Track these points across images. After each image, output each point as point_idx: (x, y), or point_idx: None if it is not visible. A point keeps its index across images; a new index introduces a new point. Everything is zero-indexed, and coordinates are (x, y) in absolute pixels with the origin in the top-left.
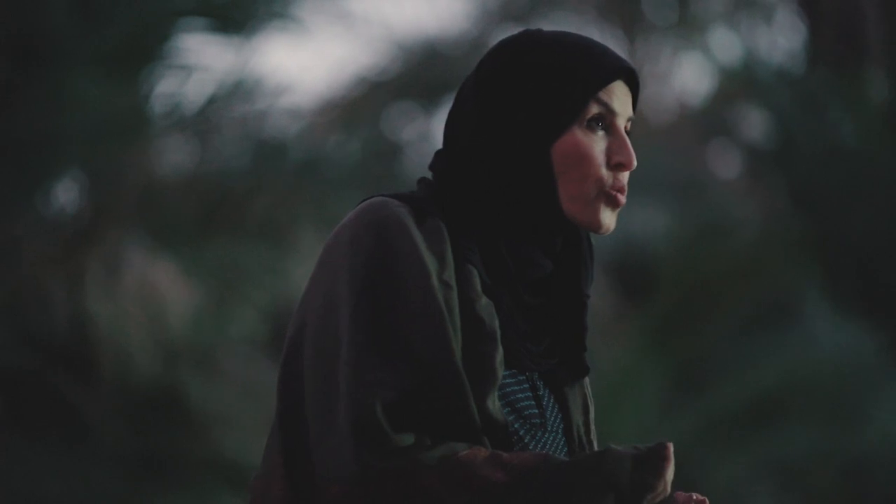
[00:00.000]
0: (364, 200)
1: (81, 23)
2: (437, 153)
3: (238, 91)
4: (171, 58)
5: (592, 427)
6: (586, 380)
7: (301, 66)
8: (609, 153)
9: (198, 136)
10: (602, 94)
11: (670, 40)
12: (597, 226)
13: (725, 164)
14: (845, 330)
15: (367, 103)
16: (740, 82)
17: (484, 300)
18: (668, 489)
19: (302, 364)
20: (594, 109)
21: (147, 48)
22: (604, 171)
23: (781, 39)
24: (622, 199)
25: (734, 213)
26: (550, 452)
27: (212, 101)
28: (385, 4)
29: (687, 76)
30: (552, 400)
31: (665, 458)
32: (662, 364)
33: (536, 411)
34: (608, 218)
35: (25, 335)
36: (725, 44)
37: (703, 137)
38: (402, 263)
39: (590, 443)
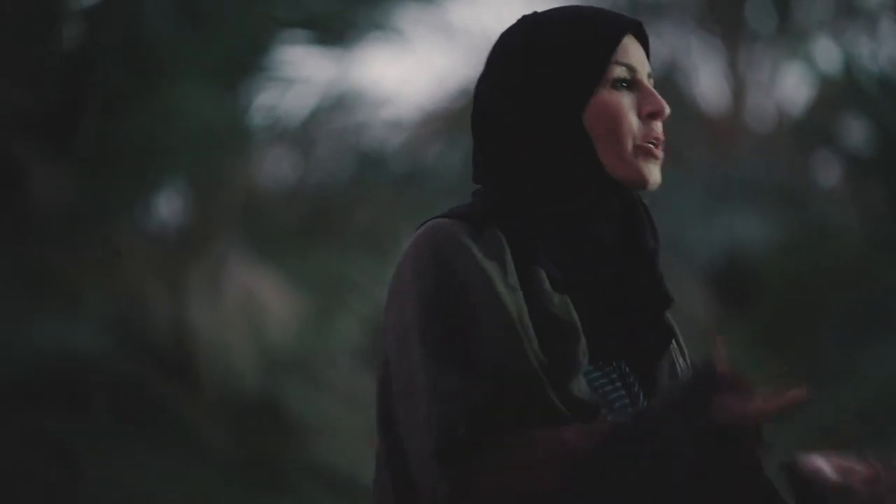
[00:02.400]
0: (423, 223)
1: (186, 34)
2: (474, 160)
3: (339, 103)
4: (273, 69)
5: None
6: (674, 344)
7: (402, 77)
8: (639, 105)
9: (299, 148)
10: (618, 55)
11: (771, 49)
12: (642, 181)
13: (827, 173)
14: None
15: (468, 115)
16: (841, 91)
17: (556, 297)
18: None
19: (391, 384)
20: (615, 71)
21: (249, 60)
22: (637, 124)
23: (883, 47)
24: (659, 151)
25: (836, 221)
26: None
27: (313, 112)
28: (486, 14)
29: (788, 85)
30: (639, 386)
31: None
32: (765, 374)
33: (627, 401)
34: (651, 171)
35: (130, 345)
36: (827, 52)
37: (805, 146)
38: (463, 279)
39: None
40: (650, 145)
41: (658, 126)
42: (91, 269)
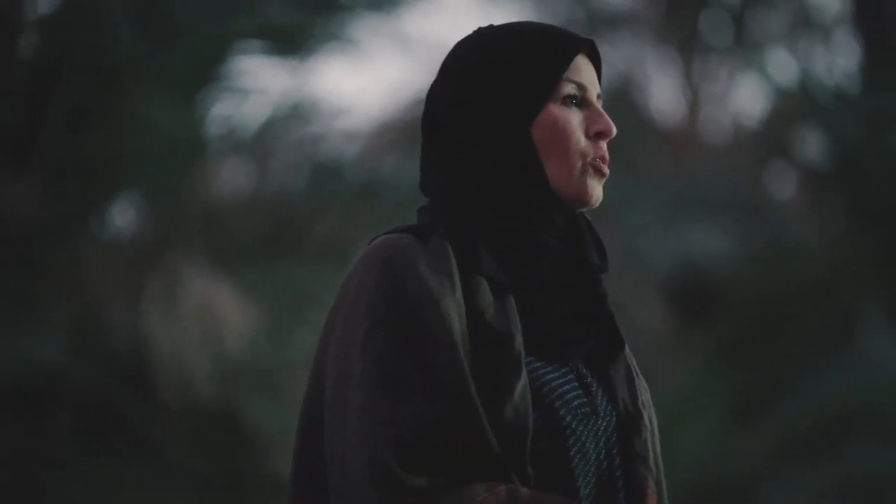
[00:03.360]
0: (374, 239)
1: (145, 45)
2: (421, 167)
3: (296, 113)
4: (230, 80)
5: (641, 396)
6: (628, 350)
7: (358, 88)
8: (587, 124)
9: (255, 159)
10: (569, 73)
11: (727, 61)
12: (586, 198)
13: (783, 185)
14: None
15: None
16: (797, 103)
17: (494, 307)
18: None
19: (320, 410)
20: (565, 88)
21: (207, 70)
22: (585, 143)
23: (838, 60)
24: (606, 169)
25: (792, 234)
26: (602, 440)
27: (270, 123)
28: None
29: (744, 97)
30: (598, 385)
31: None
32: (724, 387)
33: (585, 400)
34: (595, 189)
35: (89, 356)
36: (782, 64)
37: (760, 158)
38: (411, 302)
39: (638, 412)
40: (598, 163)
41: (604, 146)
42: (50, 281)
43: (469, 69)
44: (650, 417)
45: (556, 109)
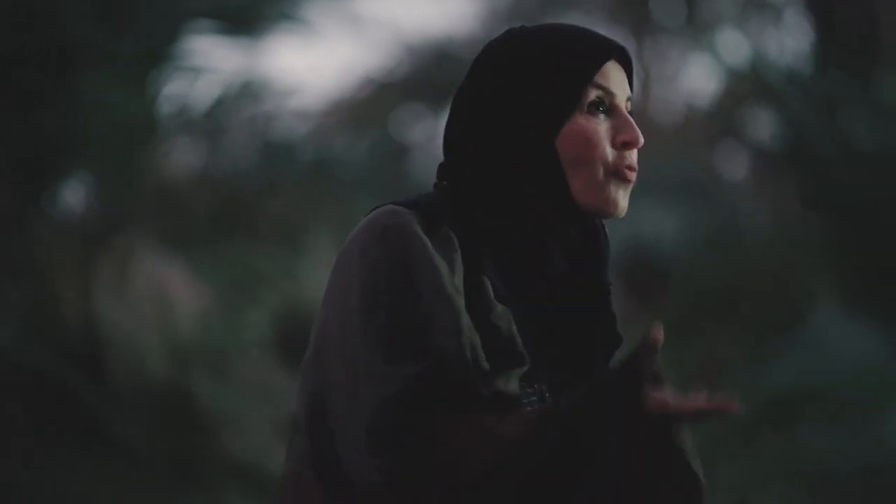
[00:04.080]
0: (375, 208)
1: (96, 24)
2: (441, 166)
3: (247, 92)
4: (181, 59)
5: None
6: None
7: (309, 67)
8: (614, 133)
9: (207, 138)
10: (598, 78)
11: (678, 42)
12: (612, 209)
13: (734, 166)
14: (859, 332)
15: (375, 105)
16: (749, 83)
17: (500, 308)
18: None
19: (325, 372)
20: (593, 94)
21: (156, 50)
22: (611, 153)
23: (790, 40)
24: (632, 176)
25: (743, 214)
26: None
27: (220, 102)
28: (394, 6)
29: (695, 77)
30: None
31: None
32: (674, 368)
33: None
34: (621, 199)
35: (38, 337)
36: (733, 45)
37: (712, 139)
38: (413, 268)
39: None
40: (626, 171)
41: (632, 155)
42: (1, 263)
43: (497, 75)
44: None
45: (582, 120)
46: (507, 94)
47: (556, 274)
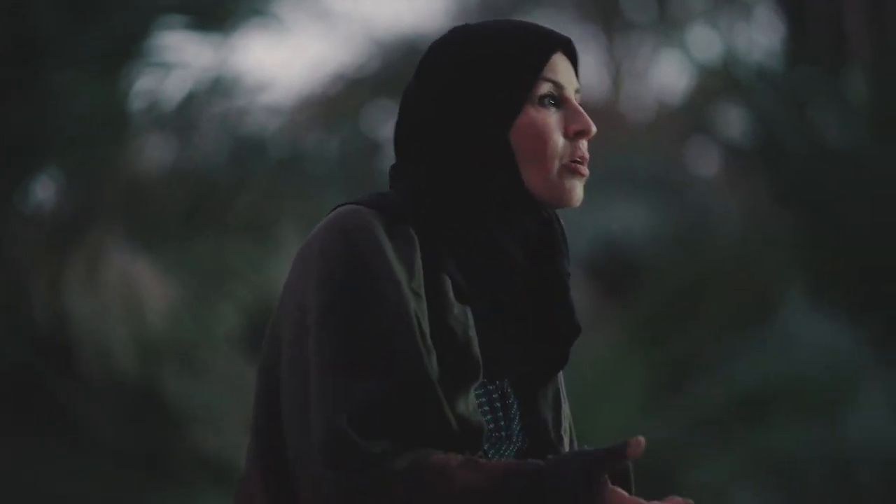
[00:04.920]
0: (336, 207)
1: (67, 19)
2: (394, 167)
3: (217, 88)
4: (151, 55)
5: (565, 423)
6: (560, 375)
7: (280, 63)
8: (566, 124)
9: (178, 133)
10: (546, 71)
11: (649, 38)
12: (566, 199)
13: (705, 162)
14: (828, 328)
15: (346, 101)
16: (720, 80)
17: (457, 309)
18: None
19: (278, 377)
20: (542, 87)
21: (127, 45)
22: (563, 144)
23: (761, 37)
24: (585, 168)
25: (714, 211)
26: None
27: (191, 98)
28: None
29: (666, 74)
30: (520, 407)
31: (623, 455)
32: (645, 363)
33: (503, 423)
34: (575, 189)
35: (8, 333)
36: (704, 42)
37: (683, 135)
38: (371, 275)
39: (559, 439)
40: (576, 163)
41: (584, 145)
42: None
43: (445, 70)
44: (572, 444)
45: (533, 112)
46: (457, 92)
47: (514, 266)
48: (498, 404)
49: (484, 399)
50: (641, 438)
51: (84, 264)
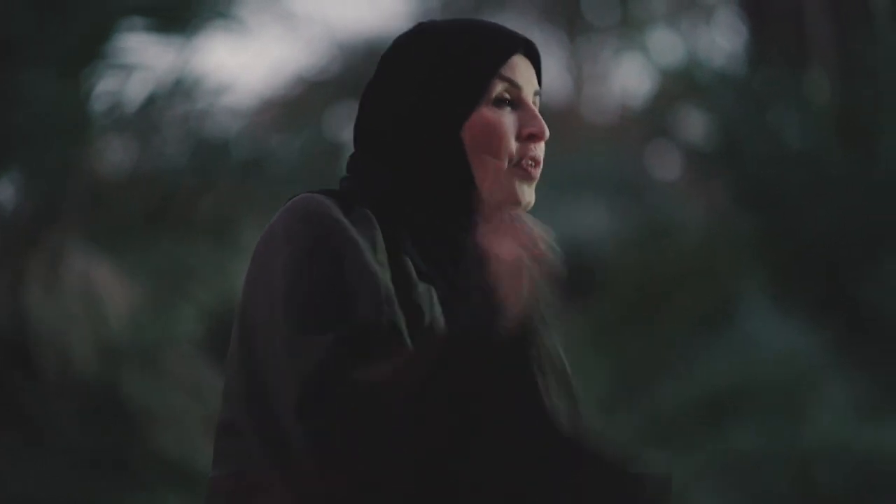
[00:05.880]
0: (290, 199)
1: (25, 22)
2: (352, 157)
3: (179, 90)
4: (113, 57)
5: None
6: None
7: (243, 65)
8: (520, 126)
9: (139, 135)
10: (504, 71)
11: (611, 41)
12: (515, 201)
13: (666, 165)
14: (788, 329)
15: (308, 103)
16: (681, 83)
17: (421, 286)
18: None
19: (256, 363)
20: (498, 87)
21: (89, 47)
22: (515, 145)
23: (723, 40)
24: (537, 171)
25: (676, 213)
26: None
27: (153, 100)
28: (326, 5)
29: (628, 77)
30: None
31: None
32: (605, 364)
33: None
34: (525, 192)
35: None
36: (666, 45)
37: (645, 138)
38: (334, 244)
39: None
40: (527, 165)
41: (537, 148)
42: None
43: (404, 69)
44: None
45: (487, 112)
46: (414, 87)
47: (465, 255)
48: None
49: None
50: None
51: (45, 266)
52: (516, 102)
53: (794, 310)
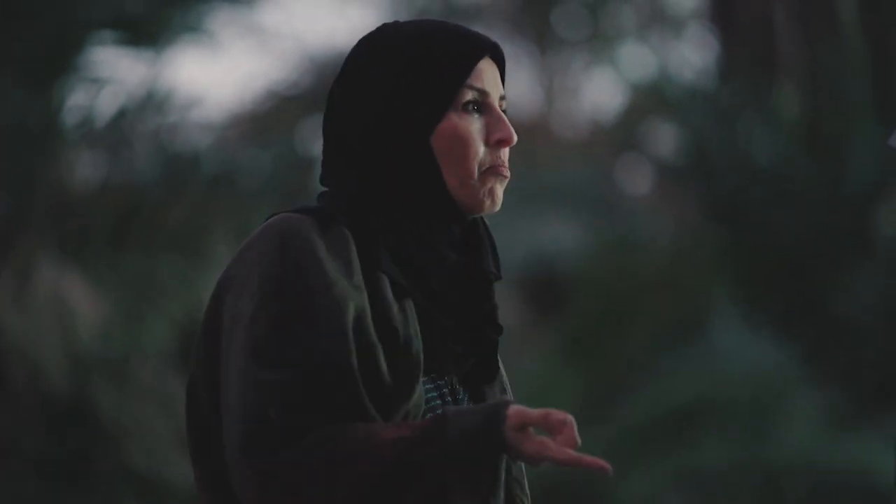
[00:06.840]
0: (269, 218)
1: None
2: (323, 165)
3: (149, 103)
4: (84, 70)
5: None
6: (503, 368)
7: (213, 79)
8: (487, 132)
9: (109, 148)
10: (471, 78)
11: (581, 55)
12: (481, 206)
13: (637, 179)
14: (757, 343)
15: (278, 117)
16: (651, 97)
17: (397, 307)
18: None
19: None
20: (466, 94)
21: (59, 60)
22: (484, 151)
23: (692, 55)
24: (506, 173)
25: (646, 227)
26: None
27: (123, 113)
28: (297, 18)
29: (598, 91)
30: (470, 402)
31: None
32: (575, 377)
33: None
34: (495, 196)
35: None
36: (636, 59)
37: (615, 152)
38: (303, 274)
39: None
40: (499, 170)
41: (505, 153)
42: None
43: (370, 73)
44: None
45: (455, 118)
46: (381, 95)
47: (445, 264)
48: (449, 399)
49: (435, 394)
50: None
51: (14, 278)
52: (483, 108)
53: (763, 322)
